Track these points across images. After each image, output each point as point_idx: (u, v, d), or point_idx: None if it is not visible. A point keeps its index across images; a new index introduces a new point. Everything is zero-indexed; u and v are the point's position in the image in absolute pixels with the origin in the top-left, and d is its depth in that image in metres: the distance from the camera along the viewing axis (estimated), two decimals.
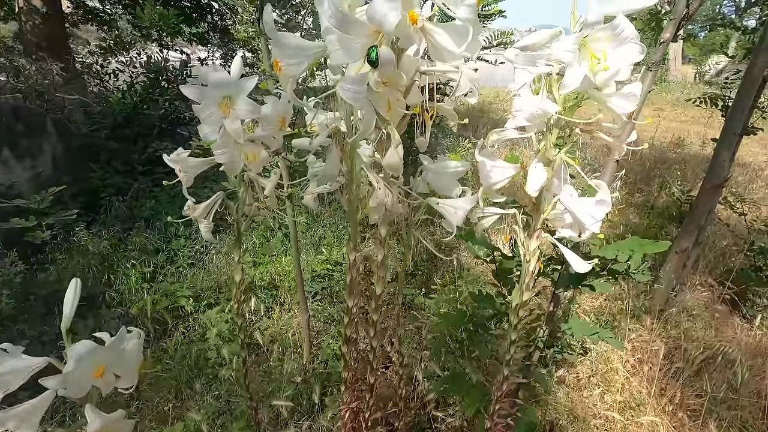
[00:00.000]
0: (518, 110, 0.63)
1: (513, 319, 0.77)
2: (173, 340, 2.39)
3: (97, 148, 4.43)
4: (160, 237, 3.38)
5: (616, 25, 0.54)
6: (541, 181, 0.64)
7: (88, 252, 3.01)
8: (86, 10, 11.40)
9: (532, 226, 0.73)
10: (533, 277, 0.73)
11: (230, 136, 0.69)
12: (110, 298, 2.70)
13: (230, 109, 0.67)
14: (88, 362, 0.64)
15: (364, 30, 0.49)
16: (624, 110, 0.60)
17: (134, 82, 4.95)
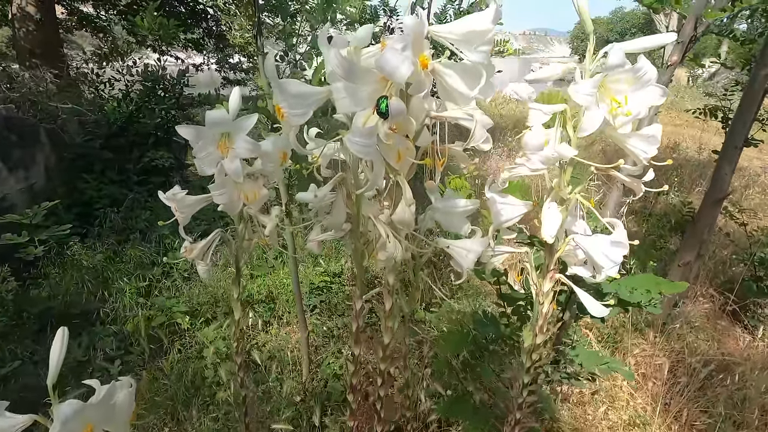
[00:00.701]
0: (531, 151, 0.61)
1: (526, 362, 0.74)
2: (169, 359, 2.34)
3: (92, 158, 4.38)
4: (155, 249, 3.33)
5: (639, 68, 0.52)
6: (557, 225, 0.61)
7: (82, 266, 2.96)
8: (81, 16, 11.37)
9: (545, 266, 0.70)
10: (547, 319, 0.70)
11: (228, 177, 0.66)
12: (104, 315, 2.65)
13: (229, 147, 0.64)
14: (76, 423, 0.60)
15: (372, 77, 0.46)
16: (645, 154, 0.57)
17: (130, 91, 4.90)
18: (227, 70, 11.93)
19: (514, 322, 1.44)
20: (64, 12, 10.97)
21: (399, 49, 0.43)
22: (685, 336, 2.42)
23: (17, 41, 9.09)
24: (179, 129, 0.64)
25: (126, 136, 4.64)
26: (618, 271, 0.72)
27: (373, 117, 0.47)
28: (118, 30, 12.31)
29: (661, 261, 3.04)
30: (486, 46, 0.48)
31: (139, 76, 4.76)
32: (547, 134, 0.62)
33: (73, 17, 11.82)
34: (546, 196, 0.67)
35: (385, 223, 0.54)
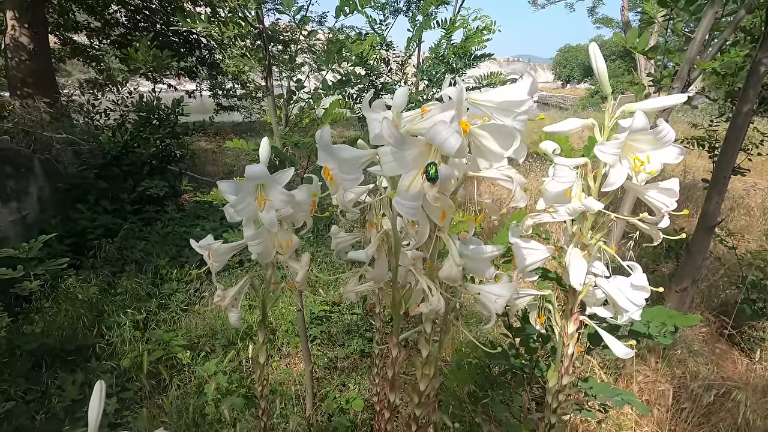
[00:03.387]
0: (552, 201, 0.64)
1: (552, 402, 0.75)
2: (169, 395, 2.28)
3: (86, 188, 4.35)
4: (151, 281, 3.28)
5: (659, 130, 0.56)
6: (584, 272, 0.64)
7: (77, 300, 2.90)
8: (74, 46, 11.45)
9: (568, 308, 0.73)
10: (572, 361, 0.72)
11: (263, 227, 0.68)
12: (100, 350, 2.59)
13: (265, 199, 0.67)
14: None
15: (418, 143, 0.50)
16: (665, 207, 0.61)
17: (124, 120, 4.93)
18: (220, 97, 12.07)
19: (523, 354, 1.46)
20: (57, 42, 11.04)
21: (447, 121, 0.47)
22: (686, 361, 2.44)
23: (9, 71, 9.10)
24: (220, 185, 0.67)
25: (120, 166, 4.64)
26: None
27: (418, 179, 0.50)
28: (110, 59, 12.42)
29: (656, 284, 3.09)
30: (523, 114, 0.52)
31: (133, 107, 4.79)
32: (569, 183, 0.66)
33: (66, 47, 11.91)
34: (568, 241, 0.71)
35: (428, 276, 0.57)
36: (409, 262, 0.61)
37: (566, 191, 0.65)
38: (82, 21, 11.58)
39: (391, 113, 0.54)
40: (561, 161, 0.63)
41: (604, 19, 16.31)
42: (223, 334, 2.84)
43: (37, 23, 8.49)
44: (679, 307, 2.39)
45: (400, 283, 0.61)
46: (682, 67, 1.35)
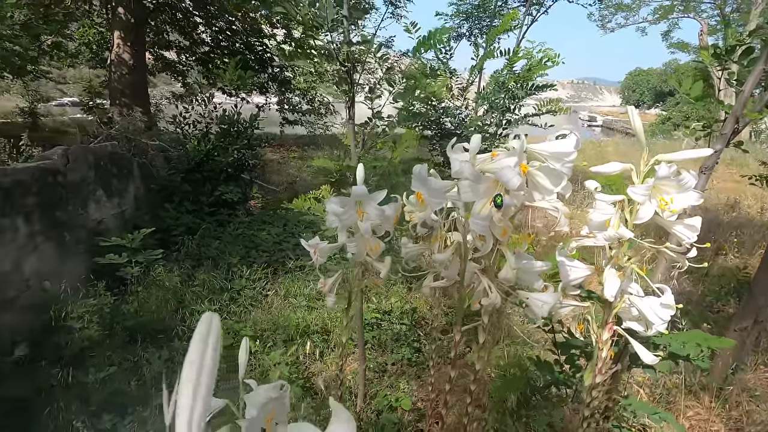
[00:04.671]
0: (595, 230, 0.80)
1: (587, 398, 0.89)
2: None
3: (172, 190, 4.92)
4: (224, 276, 3.67)
5: (682, 178, 0.71)
6: (617, 287, 0.79)
7: (164, 287, 3.32)
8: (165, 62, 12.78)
9: (603, 319, 0.87)
10: (606, 363, 0.86)
11: (360, 234, 0.90)
12: (182, 332, 2.95)
13: (363, 212, 0.88)
14: (264, 410, 0.81)
15: (489, 180, 0.69)
16: (688, 239, 0.75)
17: (208, 131, 5.51)
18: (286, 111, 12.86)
19: (567, 370, 1.56)
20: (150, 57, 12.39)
21: (512, 166, 0.65)
22: (744, 404, 2.36)
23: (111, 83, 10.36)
24: (333, 200, 0.89)
25: (202, 172, 5.19)
26: (667, 328, 0.87)
27: (487, 205, 0.68)
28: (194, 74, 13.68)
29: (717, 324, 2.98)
30: (570, 162, 0.69)
31: (217, 119, 5.35)
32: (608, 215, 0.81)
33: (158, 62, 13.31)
34: (606, 262, 0.85)
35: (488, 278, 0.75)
36: (473, 266, 0.79)
37: (606, 221, 0.81)
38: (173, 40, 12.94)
39: (469, 155, 0.73)
40: (601, 197, 0.79)
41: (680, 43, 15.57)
42: (284, 329, 3.12)
43: (137, 42, 9.66)
44: (739, 346, 2.33)
45: (466, 282, 0.79)
46: (729, 118, 1.42)
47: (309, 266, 3.91)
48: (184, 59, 13.32)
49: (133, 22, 9.25)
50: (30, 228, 3.26)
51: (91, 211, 3.94)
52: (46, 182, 3.45)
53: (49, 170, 3.51)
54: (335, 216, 0.98)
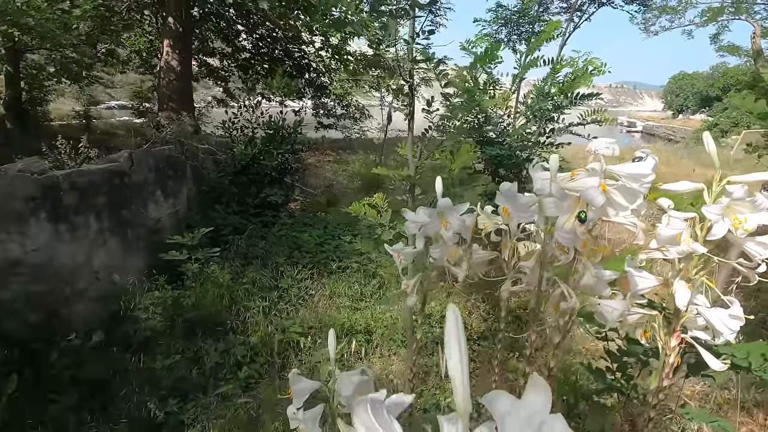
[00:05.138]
0: (664, 243, 0.86)
1: (652, 400, 0.95)
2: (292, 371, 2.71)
3: (221, 192, 5.19)
4: (272, 275, 3.85)
5: (756, 200, 0.76)
6: (687, 297, 0.85)
7: (217, 283, 3.53)
8: (209, 68, 13.32)
9: (672, 326, 0.93)
10: (672, 368, 0.92)
11: (443, 241, 1.00)
12: (236, 326, 3.14)
13: (446, 222, 0.98)
14: (356, 390, 0.93)
15: (572, 197, 0.77)
16: (761, 256, 0.80)
17: (254, 136, 5.77)
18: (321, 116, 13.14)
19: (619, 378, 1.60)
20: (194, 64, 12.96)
21: (596, 186, 0.73)
22: None
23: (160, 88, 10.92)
24: (419, 210, 0.99)
25: (248, 174, 5.44)
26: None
27: (571, 219, 0.77)
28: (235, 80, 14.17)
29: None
30: (647, 183, 0.76)
31: (264, 125, 5.60)
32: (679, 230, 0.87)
33: (203, 68, 13.89)
34: (674, 274, 0.91)
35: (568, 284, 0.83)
36: (550, 274, 0.87)
37: (677, 236, 0.87)
38: (217, 48, 13.49)
39: (550, 174, 0.82)
40: (674, 214, 0.85)
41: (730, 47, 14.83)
42: (329, 328, 3.25)
43: (184, 50, 10.16)
44: None
45: (544, 288, 0.87)
46: None
47: (351, 268, 4.04)
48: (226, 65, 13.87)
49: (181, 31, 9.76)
50: (100, 225, 3.55)
51: (150, 210, 4.24)
52: (114, 183, 3.75)
53: (117, 172, 3.81)
54: (416, 224, 1.09)
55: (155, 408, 2.25)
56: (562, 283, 0.83)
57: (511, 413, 0.34)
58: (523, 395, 0.36)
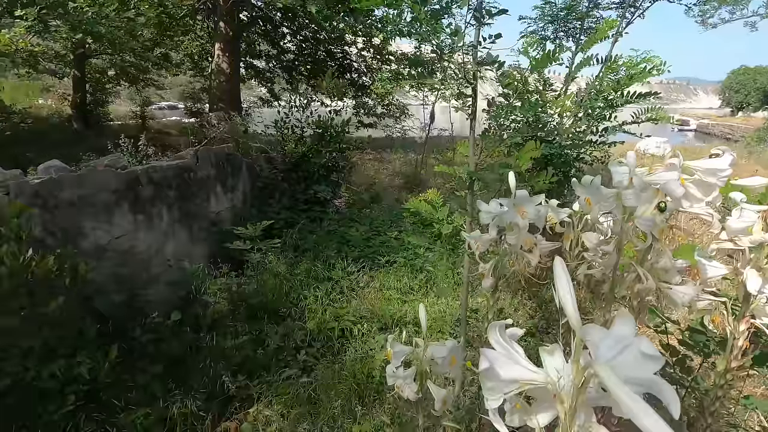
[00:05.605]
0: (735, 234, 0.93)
1: (720, 381, 1.01)
2: (346, 357, 2.89)
3: (273, 188, 5.47)
4: (323, 267, 4.06)
5: None
6: (758, 284, 0.91)
7: (275, 273, 3.77)
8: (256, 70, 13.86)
9: (741, 312, 0.99)
10: (741, 351, 0.98)
11: (518, 229, 1.11)
12: (293, 313, 3.36)
13: (523, 211, 1.09)
14: (449, 355, 1.05)
15: (651, 189, 0.86)
16: None
17: (303, 134, 6.02)
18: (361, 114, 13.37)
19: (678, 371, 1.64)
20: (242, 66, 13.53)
21: (675, 179, 0.82)
22: None
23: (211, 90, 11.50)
24: (491, 202, 1.11)
25: (297, 171, 5.70)
26: None
27: (650, 209, 0.86)
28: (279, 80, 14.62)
29: None
30: (724, 177, 0.84)
31: (313, 124, 5.83)
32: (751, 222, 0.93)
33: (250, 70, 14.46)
34: (744, 263, 0.97)
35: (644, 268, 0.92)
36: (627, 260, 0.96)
37: (749, 228, 0.93)
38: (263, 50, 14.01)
39: (629, 169, 0.91)
40: (747, 207, 0.92)
41: None
42: (379, 318, 3.41)
43: (233, 52, 10.66)
44: None
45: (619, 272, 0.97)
46: None
47: (398, 263, 4.18)
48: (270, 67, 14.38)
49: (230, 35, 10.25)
50: (171, 216, 3.88)
51: (211, 204, 4.56)
52: (182, 178, 4.07)
53: (185, 168, 4.13)
54: (490, 213, 1.21)
55: (229, 381, 2.48)
56: (638, 266, 0.92)
57: (603, 339, 0.44)
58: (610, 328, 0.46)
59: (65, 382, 2.07)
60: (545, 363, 0.47)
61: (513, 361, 0.46)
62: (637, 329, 0.43)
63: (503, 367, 0.44)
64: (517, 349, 0.50)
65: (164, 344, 2.71)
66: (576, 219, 1.26)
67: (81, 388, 2.09)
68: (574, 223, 1.27)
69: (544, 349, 0.48)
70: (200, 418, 2.32)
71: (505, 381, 0.44)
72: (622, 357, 0.39)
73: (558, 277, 0.45)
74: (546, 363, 0.47)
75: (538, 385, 0.44)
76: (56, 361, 2.06)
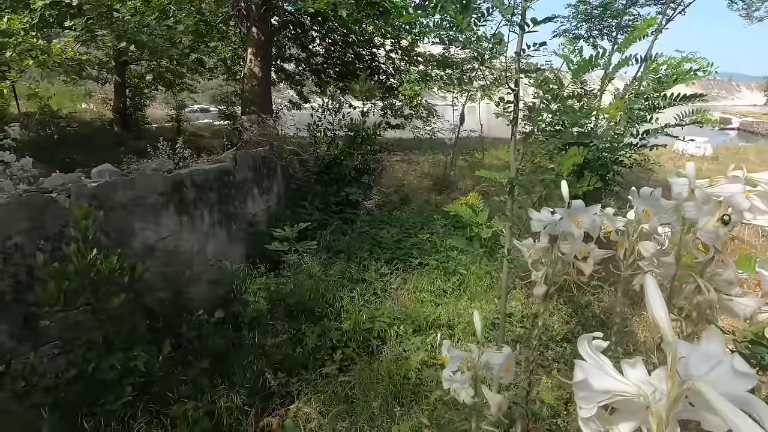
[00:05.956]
0: None
1: None
2: (380, 358, 2.94)
3: (306, 190, 5.60)
4: (356, 269, 4.12)
5: None
6: None
7: (310, 273, 3.87)
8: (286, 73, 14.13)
9: None
10: None
11: (573, 238, 1.13)
12: (329, 313, 3.44)
13: (579, 221, 1.11)
14: (505, 361, 1.09)
15: (713, 201, 0.87)
16: None
17: (335, 137, 6.13)
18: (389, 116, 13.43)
19: None
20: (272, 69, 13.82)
21: (741, 192, 0.83)
22: None
23: (243, 93, 11.80)
24: (543, 210, 1.13)
25: (329, 174, 5.80)
26: None
27: (712, 221, 0.86)
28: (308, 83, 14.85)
29: None
30: None
31: (346, 127, 5.93)
32: None
33: (281, 73, 14.75)
34: None
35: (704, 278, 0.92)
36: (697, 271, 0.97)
37: None
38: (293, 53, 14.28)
39: (687, 180, 0.91)
40: None
41: None
42: (412, 320, 3.44)
43: (265, 56, 10.92)
44: None
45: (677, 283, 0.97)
46: None
47: (430, 265, 4.20)
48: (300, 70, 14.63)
49: (263, 40, 10.50)
50: (212, 218, 4.04)
51: (248, 205, 4.71)
52: (222, 181, 4.23)
53: (225, 171, 4.29)
54: (542, 221, 1.23)
55: (271, 378, 2.57)
56: (699, 278, 0.93)
57: (692, 353, 0.47)
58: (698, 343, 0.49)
59: (123, 374, 2.20)
60: (627, 375, 0.50)
61: (604, 372, 0.49)
62: (725, 347, 0.46)
63: (596, 379, 0.47)
64: (605, 361, 0.53)
65: (209, 341, 2.84)
66: (631, 228, 1.26)
67: (137, 380, 2.22)
68: (629, 232, 1.27)
69: (626, 361, 0.51)
70: (245, 412, 2.42)
71: (597, 392, 0.47)
72: (715, 373, 0.41)
73: (651, 294, 0.48)
74: (628, 375, 0.50)
75: (629, 396, 0.47)
76: (115, 354, 2.20)
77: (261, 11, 9.88)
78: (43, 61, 7.76)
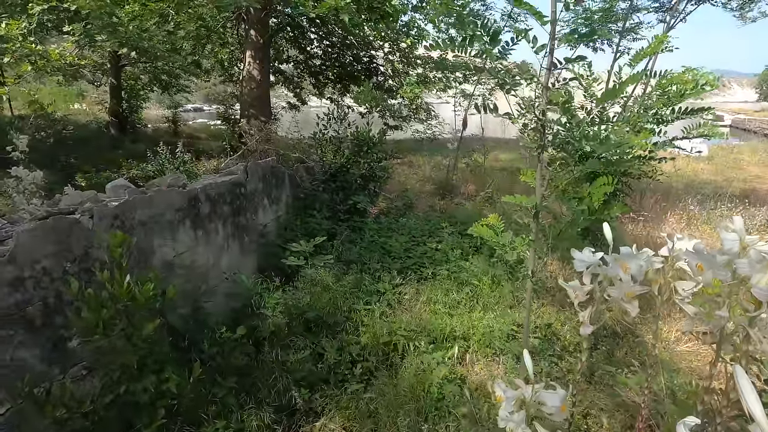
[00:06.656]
0: None
1: None
2: (402, 373, 3.00)
3: (314, 198, 5.62)
4: (370, 280, 4.17)
5: None
6: None
7: (325, 286, 3.91)
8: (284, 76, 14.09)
9: None
10: None
11: (621, 282, 1.19)
12: (347, 326, 3.49)
13: (627, 266, 1.17)
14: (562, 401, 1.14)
15: (766, 261, 0.93)
16: None
17: (341, 145, 6.16)
18: (387, 117, 13.44)
19: None
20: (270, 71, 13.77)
21: None
22: None
23: (242, 96, 11.75)
24: (585, 251, 1.19)
25: (336, 182, 5.84)
26: None
27: (765, 278, 0.92)
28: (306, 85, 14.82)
29: None
30: None
31: (351, 135, 5.96)
32: None
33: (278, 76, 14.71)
34: None
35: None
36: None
37: None
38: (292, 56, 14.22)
39: (737, 236, 0.98)
40: None
41: None
42: (428, 333, 3.50)
43: (264, 59, 10.88)
44: None
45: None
46: None
47: (441, 275, 4.26)
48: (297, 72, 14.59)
49: (261, 42, 10.46)
50: (225, 231, 4.06)
51: (259, 216, 4.73)
52: (234, 193, 4.25)
53: (237, 183, 4.31)
54: (584, 262, 1.29)
55: (297, 395, 2.62)
56: (751, 329, 0.99)
57: None
58: None
59: (155, 396, 2.24)
60: None
61: None
62: None
63: None
64: None
65: (231, 357, 2.87)
66: (668, 266, 1.32)
67: (169, 402, 2.26)
68: (665, 271, 1.33)
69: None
70: (273, 431, 2.47)
71: None
72: None
73: (746, 390, 0.54)
74: None
75: None
76: (148, 377, 2.23)
77: (261, 15, 9.84)
78: (42, 66, 7.69)
